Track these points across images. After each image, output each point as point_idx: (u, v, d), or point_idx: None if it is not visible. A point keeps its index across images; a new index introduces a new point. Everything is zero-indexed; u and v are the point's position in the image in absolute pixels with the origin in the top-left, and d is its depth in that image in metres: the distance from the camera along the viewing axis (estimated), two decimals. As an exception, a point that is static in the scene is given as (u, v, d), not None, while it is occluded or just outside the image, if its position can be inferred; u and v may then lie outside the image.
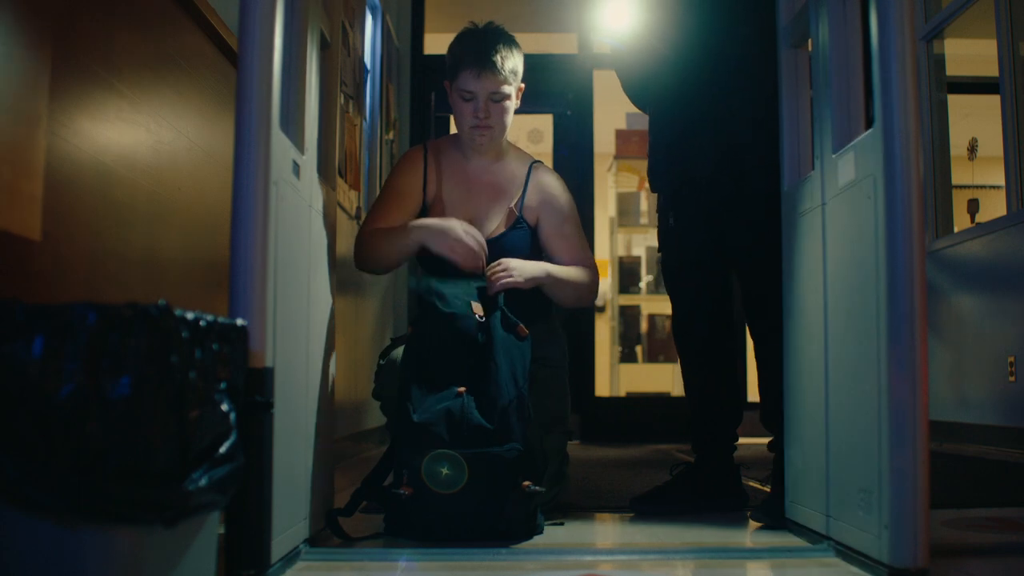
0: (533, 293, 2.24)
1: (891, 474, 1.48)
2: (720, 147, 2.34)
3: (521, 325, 2.04)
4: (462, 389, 1.92)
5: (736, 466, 2.42)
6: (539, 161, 2.44)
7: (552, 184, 2.39)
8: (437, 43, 5.75)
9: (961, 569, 1.65)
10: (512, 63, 2.27)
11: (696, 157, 2.37)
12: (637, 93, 2.57)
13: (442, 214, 2.29)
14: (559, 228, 2.34)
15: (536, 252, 2.34)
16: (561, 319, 2.46)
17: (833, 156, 1.78)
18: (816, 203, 1.87)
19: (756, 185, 2.28)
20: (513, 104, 2.31)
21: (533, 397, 1.97)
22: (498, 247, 2.24)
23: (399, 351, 2.16)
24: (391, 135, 4.90)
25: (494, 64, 2.23)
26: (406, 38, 5.52)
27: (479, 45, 2.26)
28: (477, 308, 2.06)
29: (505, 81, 2.25)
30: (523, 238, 2.31)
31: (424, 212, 2.32)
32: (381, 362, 2.21)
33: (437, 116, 5.65)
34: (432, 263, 2.21)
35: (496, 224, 2.31)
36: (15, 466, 1.01)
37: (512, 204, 2.33)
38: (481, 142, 2.31)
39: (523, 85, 2.34)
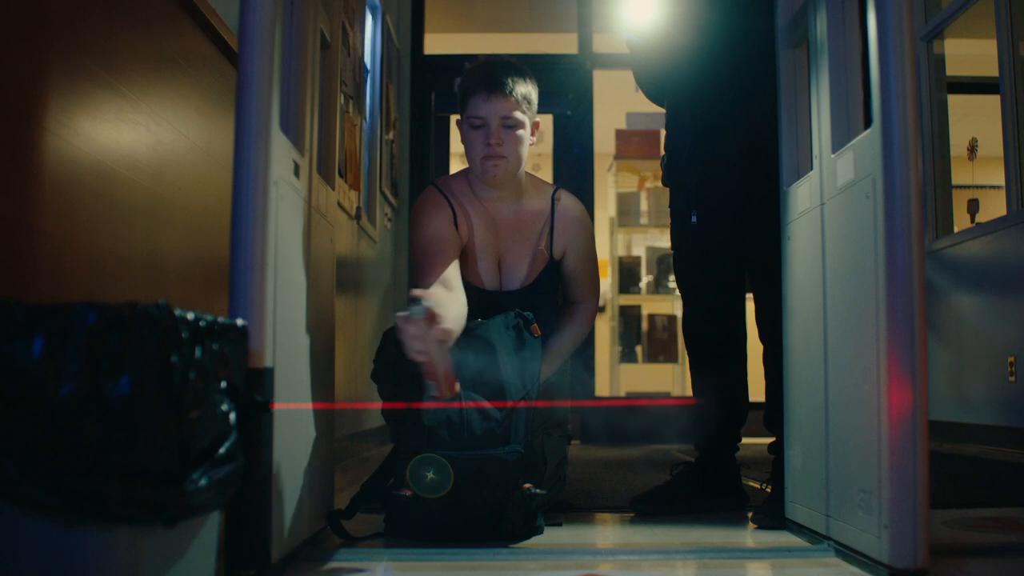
0: (548, 305, 2.24)
1: (891, 474, 1.48)
2: (746, 144, 2.32)
3: (535, 324, 2.03)
4: (457, 387, 1.91)
5: (737, 466, 2.42)
6: (558, 189, 2.34)
7: (577, 216, 2.31)
8: (437, 43, 5.76)
9: (961, 569, 1.65)
10: (524, 89, 2.15)
11: (722, 154, 2.35)
12: (653, 88, 2.54)
13: (474, 257, 2.21)
14: (582, 263, 2.31)
15: (556, 284, 2.31)
16: None
17: (832, 156, 1.77)
18: (815, 203, 1.86)
19: (777, 183, 2.25)
20: (528, 137, 2.18)
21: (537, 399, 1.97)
22: (528, 295, 2.20)
23: None
24: (391, 135, 4.90)
25: (504, 86, 2.12)
26: (406, 38, 5.52)
27: (489, 71, 2.16)
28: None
29: (517, 106, 2.13)
30: (552, 280, 2.27)
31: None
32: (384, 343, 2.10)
33: (437, 116, 5.64)
34: None
35: (527, 270, 2.25)
36: (15, 466, 1.01)
37: (542, 245, 2.26)
38: (494, 174, 2.14)
39: (539, 121, 2.23)
